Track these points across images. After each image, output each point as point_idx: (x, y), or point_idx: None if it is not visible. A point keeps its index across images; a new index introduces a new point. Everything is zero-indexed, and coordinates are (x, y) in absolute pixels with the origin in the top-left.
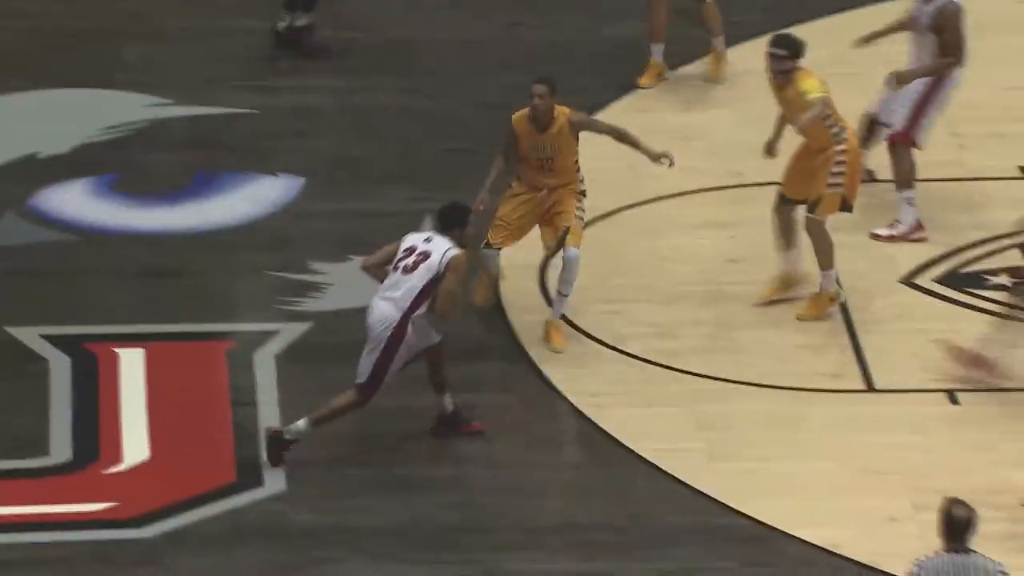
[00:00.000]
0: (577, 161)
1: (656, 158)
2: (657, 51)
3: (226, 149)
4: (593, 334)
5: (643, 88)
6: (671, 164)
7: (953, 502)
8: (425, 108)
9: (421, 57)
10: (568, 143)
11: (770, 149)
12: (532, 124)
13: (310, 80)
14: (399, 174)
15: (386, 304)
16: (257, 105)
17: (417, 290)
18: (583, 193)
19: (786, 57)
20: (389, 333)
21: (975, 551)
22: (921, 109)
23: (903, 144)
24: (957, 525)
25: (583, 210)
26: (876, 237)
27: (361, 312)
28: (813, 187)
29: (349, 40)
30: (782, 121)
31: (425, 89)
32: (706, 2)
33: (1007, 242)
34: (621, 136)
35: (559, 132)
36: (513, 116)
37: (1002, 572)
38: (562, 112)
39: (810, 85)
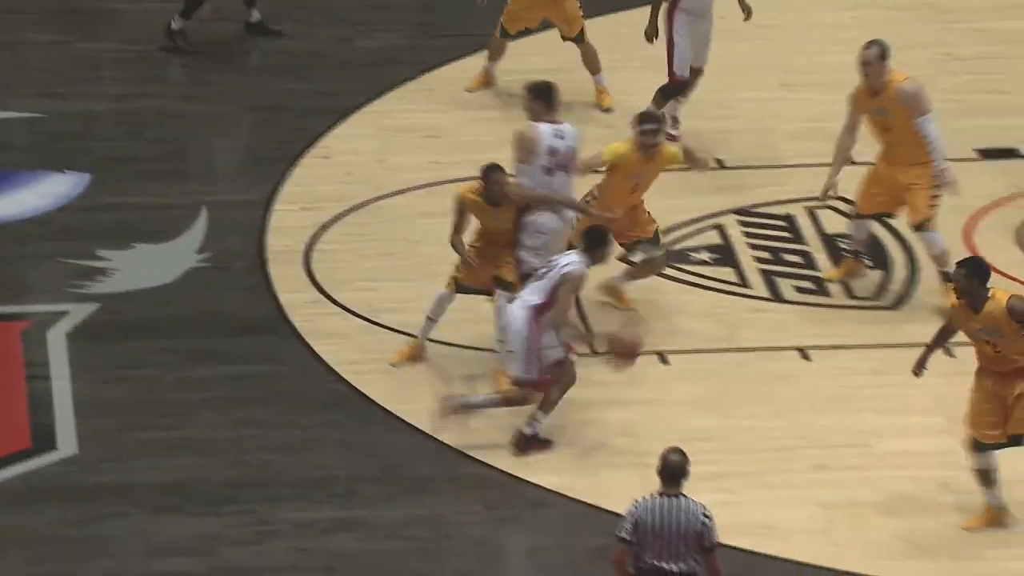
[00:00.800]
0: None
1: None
2: (491, 67)
3: (18, 150)
4: (353, 309)
5: (469, 92)
6: None
7: (670, 450)
8: (199, 111)
9: (194, 65)
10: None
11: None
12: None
13: (92, 88)
14: (175, 170)
15: (518, 306)
16: (46, 110)
17: (545, 293)
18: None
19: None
20: (525, 333)
21: (685, 495)
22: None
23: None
24: (671, 470)
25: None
26: None
27: (145, 293)
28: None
29: (130, 51)
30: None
31: (199, 94)
32: (585, 43)
33: (706, 223)
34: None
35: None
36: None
37: (704, 515)
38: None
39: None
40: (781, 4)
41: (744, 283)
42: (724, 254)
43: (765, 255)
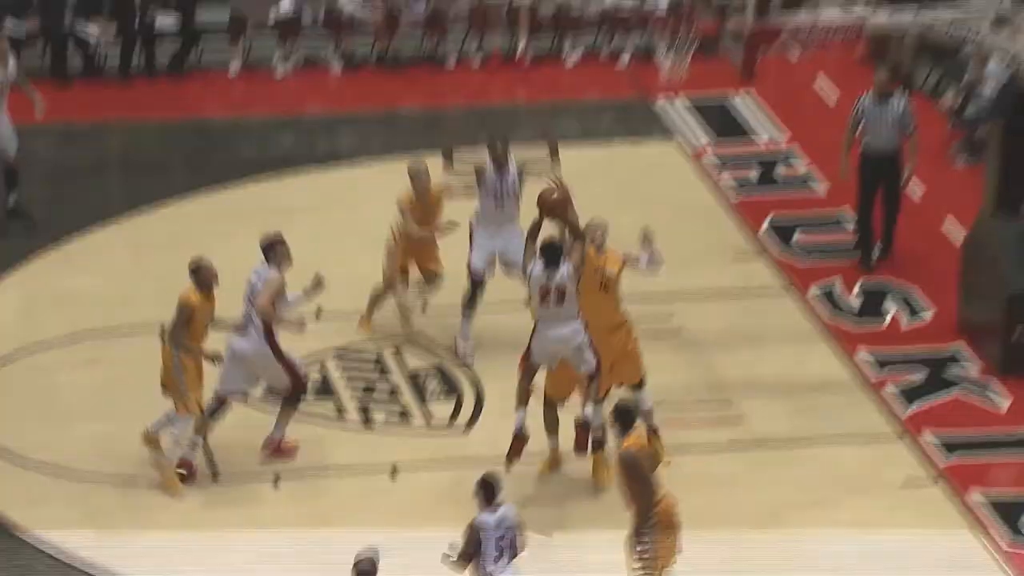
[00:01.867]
0: None
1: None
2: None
3: None
4: None
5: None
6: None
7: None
8: None
9: None
10: None
11: None
12: None
13: None
14: None
15: (564, 328)
16: None
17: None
18: None
19: None
20: (580, 339)
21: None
22: None
23: None
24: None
25: None
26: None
27: None
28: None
29: None
30: None
31: None
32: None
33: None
34: None
35: None
36: None
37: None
38: None
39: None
40: (339, 179)
41: (341, 414)
42: (324, 387)
43: (359, 387)
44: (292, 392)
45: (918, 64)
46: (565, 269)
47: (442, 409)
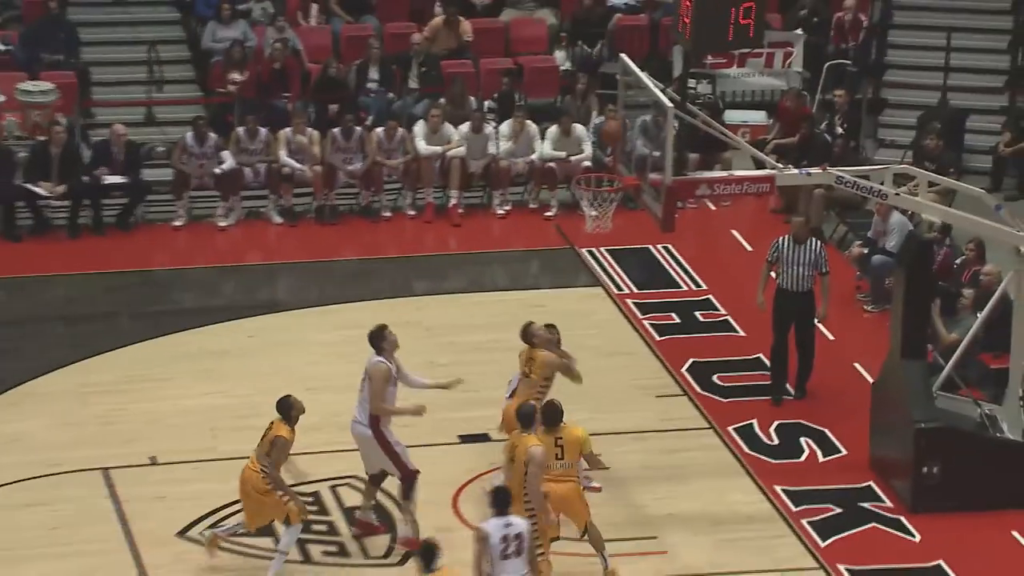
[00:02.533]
0: None
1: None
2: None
3: None
4: None
5: None
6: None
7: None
8: None
9: None
10: None
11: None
12: None
13: None
14: None
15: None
16: None
17: None
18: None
19: None
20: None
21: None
22: None
23: None
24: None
25: None
26: None
27: None
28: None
29: None
30: None
31: None
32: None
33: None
34: None
35: None
36: None
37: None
38: None
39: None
40: (277, 326)
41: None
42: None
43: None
44: (403, 482)
45: (826, 217)
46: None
47: (378, 543)
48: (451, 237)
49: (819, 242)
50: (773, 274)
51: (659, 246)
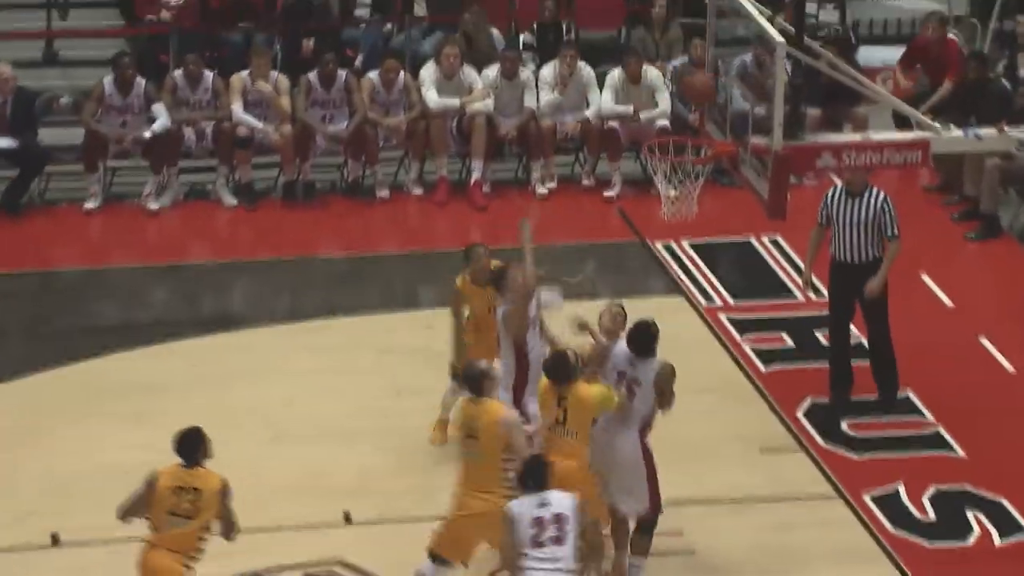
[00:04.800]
0: None
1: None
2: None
3: None
4: None
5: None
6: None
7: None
8: None
9: None
10: None
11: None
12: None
13: None
14: None
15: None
16: None
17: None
18: None
19: None
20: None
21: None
22: None
23: None
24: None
25: None
26: None
27: None
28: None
29: None
30: None
31: None
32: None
33: None
34: None
35: None
36: None
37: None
38: None
39: None
40: (233, 347)
41: None
42: None
43: None
44: (649, 519)
45: (1003, 197)
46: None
47: None
48: (473, 225)
49: (882, 193)
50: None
51: (765, 238)
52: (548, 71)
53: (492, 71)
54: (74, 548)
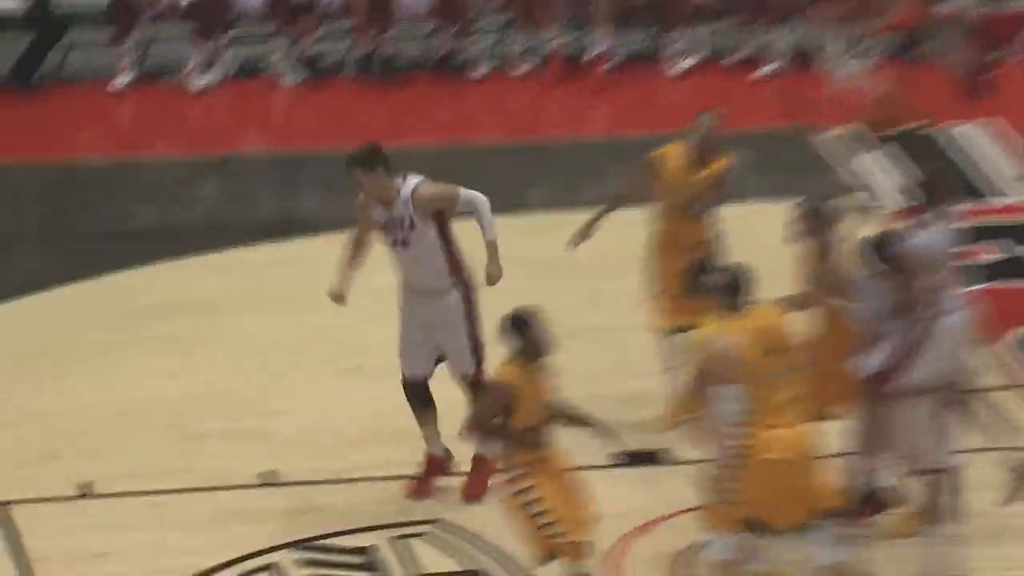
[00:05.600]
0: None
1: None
2: None
3: None
4: None
5: None
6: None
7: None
8: None
9: None
10: None
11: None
12: None
13: None
14: None
15: None
16: None
17: None
18: None
19: None
20: None
21: None
22: None
23: None
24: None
25: None
26: None
27: None
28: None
29: None
30: None
31: None
32: None
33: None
34: None
35: None
36: None
37: None
38: None
39: None
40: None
41: None
42: None
43: None
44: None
45: None
46: None
47: None
48: (594, 111)
49: None
50: None
51: (965, 125)
52: None
53: None
54: (106, 499)
